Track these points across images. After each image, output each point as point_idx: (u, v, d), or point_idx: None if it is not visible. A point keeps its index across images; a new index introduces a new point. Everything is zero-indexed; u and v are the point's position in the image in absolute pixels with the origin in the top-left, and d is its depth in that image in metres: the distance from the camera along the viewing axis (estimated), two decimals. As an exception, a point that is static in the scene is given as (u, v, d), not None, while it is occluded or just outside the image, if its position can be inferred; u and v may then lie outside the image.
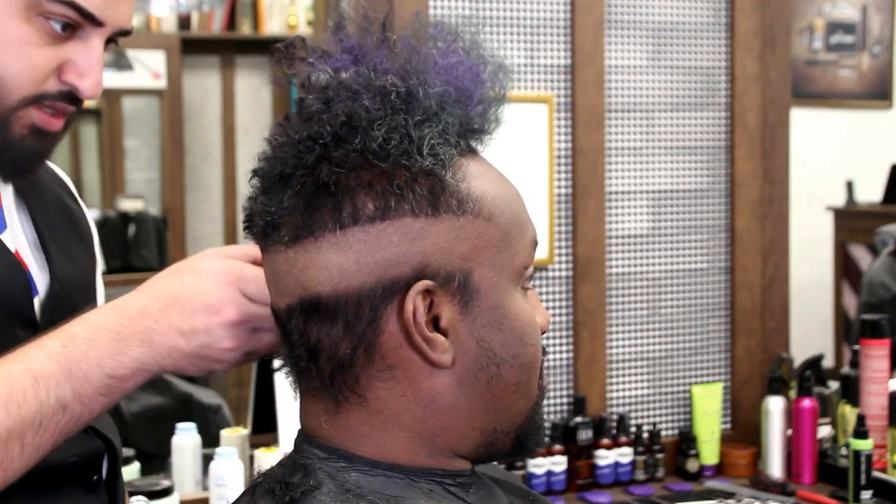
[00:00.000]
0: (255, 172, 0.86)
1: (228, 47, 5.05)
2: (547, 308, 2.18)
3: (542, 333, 0.90)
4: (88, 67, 1.01)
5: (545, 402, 2.17)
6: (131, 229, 4.87)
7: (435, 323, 0.82)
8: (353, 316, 0.81)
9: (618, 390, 2.26)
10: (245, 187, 0.88)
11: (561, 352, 2.21)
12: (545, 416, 2.17)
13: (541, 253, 2.16)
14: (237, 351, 0.94)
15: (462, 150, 0.85)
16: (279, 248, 0.84)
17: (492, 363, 0.85)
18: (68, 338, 0.92)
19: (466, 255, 0.83)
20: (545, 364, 0.92)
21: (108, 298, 1.02)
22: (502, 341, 0.85)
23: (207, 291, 0.93)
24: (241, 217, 0.90)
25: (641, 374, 2.28)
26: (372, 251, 0.81)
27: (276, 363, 0.91)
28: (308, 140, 0.82)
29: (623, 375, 2.26)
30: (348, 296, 0.81)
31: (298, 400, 0.89)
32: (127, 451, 1.83)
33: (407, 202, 0.81)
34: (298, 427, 0.90)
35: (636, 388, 2.28)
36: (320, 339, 0.83)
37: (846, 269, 4.67)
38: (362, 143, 0.81)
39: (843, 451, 2.14)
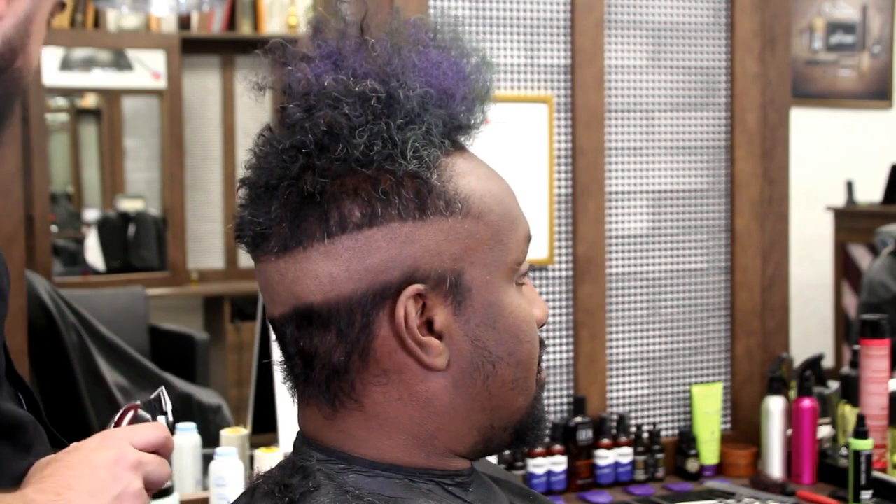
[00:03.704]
0: (243, 182, 0.86)
1: (228, 47, 5.05)
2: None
3: (541, 326, 0.90)
4: None
5: (545, 400, 2.18)
6: (131, 229, 4.87)
7: (429, 326, 0.82)
8: (346, 323, 0.81)
9: (618, 390, 2.26)
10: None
11: (561, 352, 2.21)
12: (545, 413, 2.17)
13: (541, 253, 2.15)
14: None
15: (447, 149, 0.84)
16: (270, 259, 0.84)
17: (487, 362, 0.84)
18: None
19: (457, 255, 0.82)
20: (544, 359, 0.92)
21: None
22: (497, 339, 0.84)
23: None
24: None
25: (641, 374, 2.28)
26: (361, 258, 0.81)
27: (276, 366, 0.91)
28: (291, 150, 0.82)
29: (623, 375, 2.26)
30: (340, 303, 0.81)
31: (296, 405, 0.89)
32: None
33: (393, 207, 0.81)
34: (297, 430, 0.90)
35: (636, 388, 2.27)
36: (315, 347, 0.83)
37: (846, 269, 4.67)
38: (345, 150, 0.80)
39: (843, 451, 2.14)
